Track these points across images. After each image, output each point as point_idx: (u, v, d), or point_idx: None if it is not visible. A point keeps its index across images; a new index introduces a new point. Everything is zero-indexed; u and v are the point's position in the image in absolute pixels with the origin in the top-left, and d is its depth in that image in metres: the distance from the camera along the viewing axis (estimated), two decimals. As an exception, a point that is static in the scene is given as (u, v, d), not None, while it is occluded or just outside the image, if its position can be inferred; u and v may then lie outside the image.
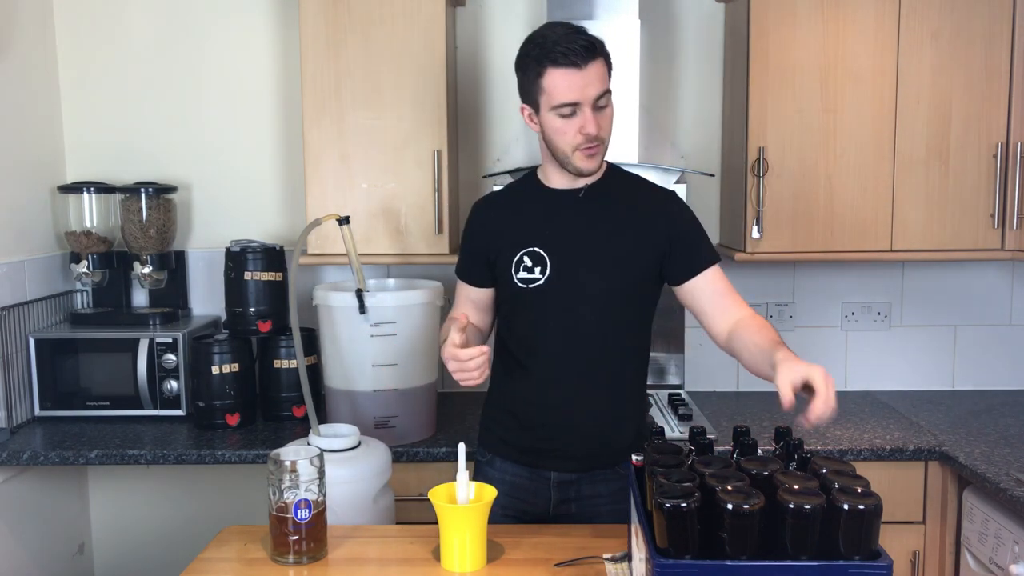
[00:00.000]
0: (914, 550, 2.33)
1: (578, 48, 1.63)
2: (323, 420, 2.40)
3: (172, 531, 2.83)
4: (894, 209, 2.53)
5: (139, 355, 2.54)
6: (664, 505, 1.16)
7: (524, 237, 1.80)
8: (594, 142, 1.69)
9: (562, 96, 1.66)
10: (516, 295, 1.80)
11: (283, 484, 1.56)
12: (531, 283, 1.77)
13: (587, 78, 1.65)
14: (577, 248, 1.77)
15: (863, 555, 1.15)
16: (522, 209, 1.85)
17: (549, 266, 1.77)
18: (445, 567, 1.56)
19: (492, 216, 1.88)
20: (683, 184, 2.75)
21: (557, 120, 1.68)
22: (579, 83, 1.64)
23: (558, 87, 1.65)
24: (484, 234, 1.87)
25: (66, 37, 2.79)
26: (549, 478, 1.83)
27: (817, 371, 1.47)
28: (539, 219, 1.81)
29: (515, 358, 1.83)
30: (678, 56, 2.82)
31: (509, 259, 1.80)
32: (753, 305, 2.86)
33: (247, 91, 2.82)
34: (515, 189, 1.92)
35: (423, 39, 2.45)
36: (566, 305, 1.77)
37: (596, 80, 1.66)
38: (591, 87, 1.65)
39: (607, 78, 1.69)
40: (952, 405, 2.73)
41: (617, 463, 1.82)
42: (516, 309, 1.83)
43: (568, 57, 1.63)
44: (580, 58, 1.63)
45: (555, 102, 1.67)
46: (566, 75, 1.64)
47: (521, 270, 1.78)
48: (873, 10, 2.47)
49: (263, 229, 2.84)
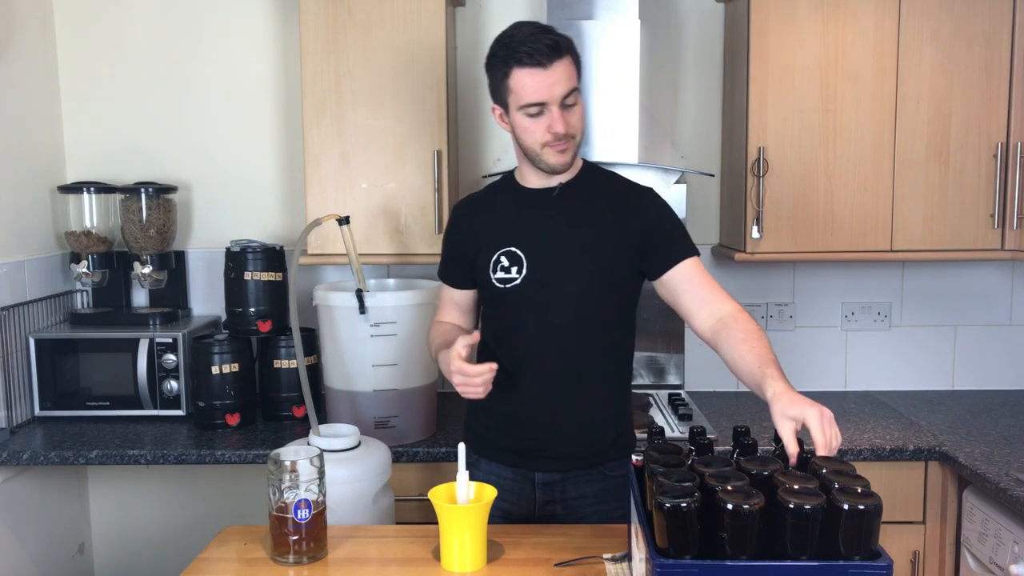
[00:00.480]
0: (914, 550, 2.33)
1: (543, 48, 1.64)
2: (323, 420, 2.40)
3: (172, 531, 2.83)
4: (894, 209, 2.53)
5: (139, 355, 2.54)
6: (664, 505, 1.16)
7: (501, 237, 1.81)
8: (563, 139, 1.70)
9: (528, 96, 1.67)
10: (494, 295, 1.80)
11: (283, 484, 1.56)
12: (508, 283, 1.78)
13: (553, 77, 1.65)
14: (553, 247, 1.78)
15: (863, 555, 1.15)
16: (499, 209, 1.86)
17: (526, 265, 1.77)
18: (445, 567, 1.56)
19: (471, 217, 1.89)
20: (683, 184, 2.76)
21: (525, 119, 1.70)
22: (545, 83, 1.65)
23: (524, 87, 1.66)
24: (463, 235, 1.88)
25: (66, 37, 2.79)
26: (534, 479, 1.84)
27: (813, 415, 1.37)
28: (515, 219, 1.82)
29: (496, 358, 1.83)
30: (678, 56, 2.82)
31: (487, 260, 1.81)
32: (753, 305, 2.88)
33: (247, 91, 2.82)
34: (493, 190, 1.93)
35: (423, 39, 2.45)
36: (544, 303, 1.77)
37: (562, 79, 1.66)
38: (557, 86, 1.66)
39: (575, 76, 1.70)
40: (952, 405, 2.73)
41: (601, 462, 1.83)
42: (495, 309, 1.84)
43: (533, 57, 1.64)
44: (545, 57, 1.64)
45: (522, 102, 1.68)
46: (532, 75, 1.65)
47: (499, 270, 1.79)
48: (873, 10, 2.47)
49: (263, 229, 2.84)
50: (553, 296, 1.77)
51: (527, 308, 1.78)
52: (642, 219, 1.78)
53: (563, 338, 1.78)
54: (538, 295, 1.77)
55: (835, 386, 2.91)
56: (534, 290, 1.77)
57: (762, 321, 2.88)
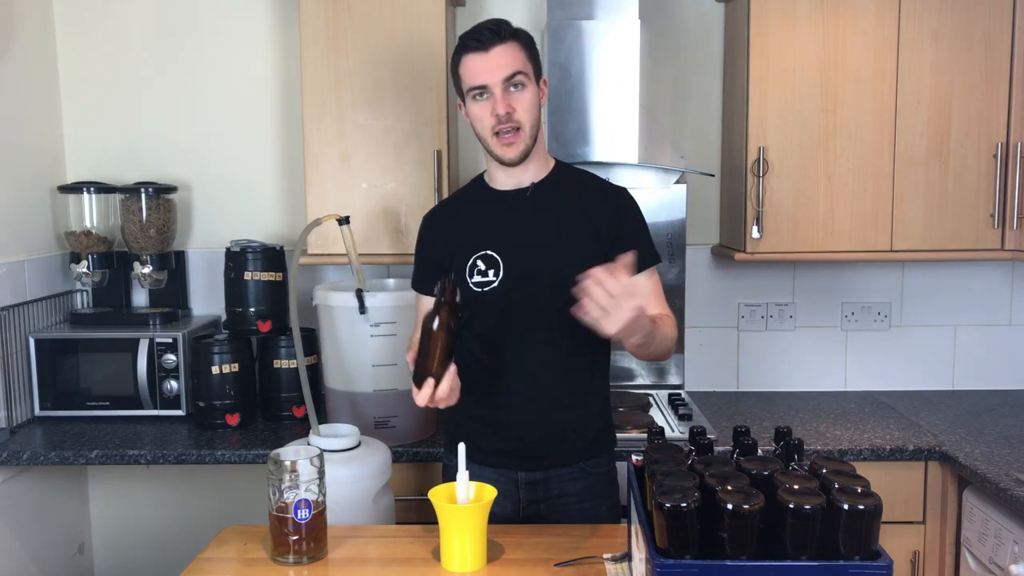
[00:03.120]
0: (914, 550, 2.33)
1: (485, 33, 1.70)
2: (323, 420, 2.40)
3: (172, 531, 2.83)
4: (894, 209, 2.53)
5: (139, 355, 2.54)
6: (664, 505, 1.16)
7: (476, 241, 1.81)
8: (506, 124, 1.72)
9: (470, 79, 1.73)
10: (474, 300, 1.80)
11: (283, 484, 1.56)
12: (486, 286, 1.79)
13: (493, 60, 1.70)
14: (528, 248, 1.79)
15: (863, 555, 1.15)
16: (472, 213, 1.87)
17: (502, 268, 1.78)
18: (445, 567, 1.56)
19: (442, 224, 1.90)
20: (683, 184, 2.76)
21: (474, 106, 1.75)
22: (485, 66, 1.70)
23: (468, 71, 1.73)
24: (435, 243, 1.88)
25: (66, 37, 2.79)
26: (517, 479, 1.84)
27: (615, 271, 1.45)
28: (489, 222, 1.83)
29: (476, 360, 1.83)
30: (678, 56, 2.82)
31: (463, 264, 1.81)
32: (753, 305, 2.89)
33: (247, 91, 2.82)
34: (462, 195, 1.95)
35: (423, 39, 2.45)
36: (521, 305, 1.78)
37: (504, 62, 1.70)
38: (499, 69, 1.70)
39: (521, 60, 1.73)
40: (952, 405, 2.73)
41: (583, 459, 1.85)
42: (473, 313, 1.83)
43: (475, 41, 1.71)
44: (485, 42, 1.70)
45: (466, 86, 1.74)
46: (473, 59, 1.72)
47: (475, 274, 1.80)
48: (873, 10, 2.47)
49: (263, 229, 2.84)
50: (531, 297, 1.78)
51: (505, 310, 1.79)
52: (613, 219, 1.81)
53: (542, 338, 1.80)
54: (516, 296, 1.78)
55: (835, 386, 2.91)
56: (511, 292, 1.78)
57: (762, 321, 2.88)
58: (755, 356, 2.91)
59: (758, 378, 2.91)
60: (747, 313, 2.89)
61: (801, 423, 2.53)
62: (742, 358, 2.91)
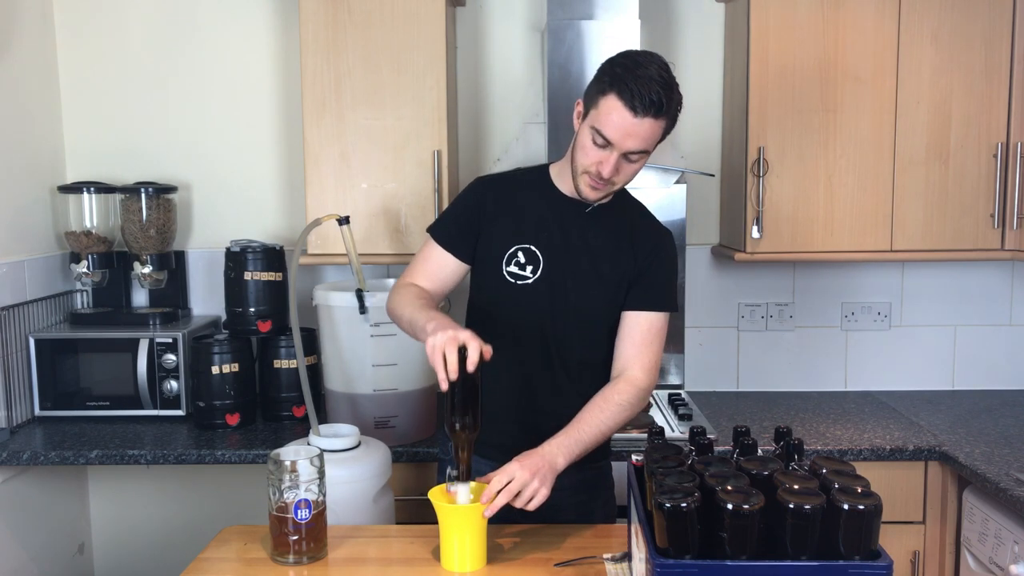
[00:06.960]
0: (914, 550, 2.33)
1: (648, 98, 1.59)
2: (323, 420, 2.40)
3: (172, 531, 2.83)
4: (894, 209, 2.53)
5: (139, 355, 2.54)
6: (664, 505, 1.16)
7: (524, 232, 1.79)
8: (602, 182, 1.69)
9: (604, 127, 1.63)
10: (501, 287, 1.78)
11: (283, 484, 1.57)
12: (520, 279, 1.78)
13: (634, 130, 1.61)
14: (572, 259, 1.78)
15: (863, 555, 1.15)
16: (528, 202, 1.82)
17: (541, 268, 1.77)
18: (445, 567, 1.56)
19: (496, 197, 1.83)
20: (683, 184, 2.76)
21: (588, 140, 1.66)
22: (625, 130, 1.61)
23: (607, 117, 1.62)
24: (484, 208, 1.82)
25: (66, 37, 2.79)
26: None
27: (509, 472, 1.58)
28: (543, 219, 1.80)
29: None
30: (678, 56, 2.82)
31: (502, 248, 1.79)
32: (753, 305, 2.89)
33: (247, 91, 2.82)
34: (523, 179, 1.88)
35: (423, 39, 2.45)
36: (547, 310, 1.78)
37: (642, 138, 1.63)
38: (632, 140, 1.62)
39: (656, 140, 1.66)
40: (952, 405, 2.73)
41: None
42: (497, 302, 1.81)
43: (633, 99, 1.59)
44: (642, 108, 1.60)
45: (597, 125, 1.64)
46: (621, 114, 1.61)
47: (513, 264, 1.78)
48: (873, 10, 2.47)
49: (263, 229, 2.84)
50: (558, 301, 1.77)
51: (531, 309, 1.78)
52: (651, 254, 1.80)
53: (557, 349, 1.80)
54: (545, 300, 1.77)
55: (835, 386, 2.91)
56: (542, 294, 1.77)
57: (762, 321, 2.88)
58: (755, 356, 2.91)
59: (758, 378, 2.91)
60: (747, 313, 2.89)
61: (801, 423, 2.53)
62: (742, 358, 2.92)
